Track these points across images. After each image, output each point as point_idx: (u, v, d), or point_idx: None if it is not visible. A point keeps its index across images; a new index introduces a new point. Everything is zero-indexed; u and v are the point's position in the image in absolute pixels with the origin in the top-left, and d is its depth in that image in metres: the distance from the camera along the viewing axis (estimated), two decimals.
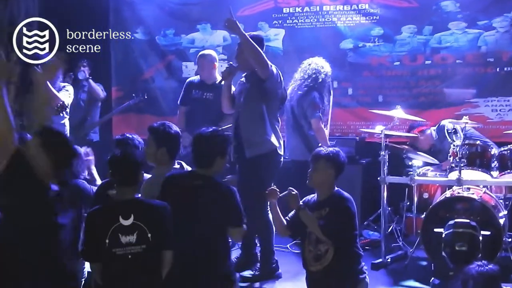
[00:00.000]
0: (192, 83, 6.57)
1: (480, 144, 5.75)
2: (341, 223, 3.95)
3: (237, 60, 5.37)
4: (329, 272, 3.96)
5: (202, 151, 3.94)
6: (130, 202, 3.64)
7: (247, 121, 5.25)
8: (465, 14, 7.15)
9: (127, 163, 3.70)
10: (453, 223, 4.83)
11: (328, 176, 4.11)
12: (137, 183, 3.72)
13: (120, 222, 3.55)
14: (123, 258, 3.54)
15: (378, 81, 7.53)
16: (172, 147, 4.31)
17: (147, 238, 3.56)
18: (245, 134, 5.25)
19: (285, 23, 7.76)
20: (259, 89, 5.21)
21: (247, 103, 5.27)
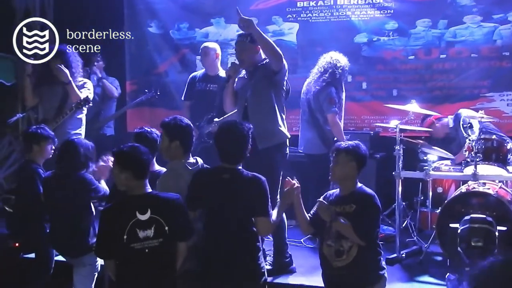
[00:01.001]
0: (195, 78, 6.64)
1: (496, 138, 5.72)
2: (370, 222, 3.95)
3: (238, 58, 5.32)
4: (353, 268, 3.95)
5: (229, 148, 3.96)
6: (145, 197, 3.66)
7: (258, 114, 5.23)
8: (480, 7, 7.11)
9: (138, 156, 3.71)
10: (469, 218, 4.81)
11: (350, 169, 4.08)
12: (146, 176, 3.73)
13: (137, 217, 3.57)
14: (140, 253, 3.56)
15: (393, 75, 7.50)
16: (185, 140, 4.31)
17: (164, 231, 3.59)
18: (257, 126, 5.23)
19: (299, 17, 7.74)
20: (270, 81, 5.19)
21: (257, 96, 5.24)
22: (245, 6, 7.90)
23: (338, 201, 4.07)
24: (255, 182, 3.89)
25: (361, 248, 3.93)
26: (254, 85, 5.26)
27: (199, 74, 6.68)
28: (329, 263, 4.05)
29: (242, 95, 5.34)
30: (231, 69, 5.37)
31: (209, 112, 6.37)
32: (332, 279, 4.09)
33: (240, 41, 5.31)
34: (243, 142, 3.96)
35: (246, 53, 5.24)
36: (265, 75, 5.21)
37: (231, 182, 3.88)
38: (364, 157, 4.14)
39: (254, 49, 5.23)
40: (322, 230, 4.11)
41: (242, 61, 5.28)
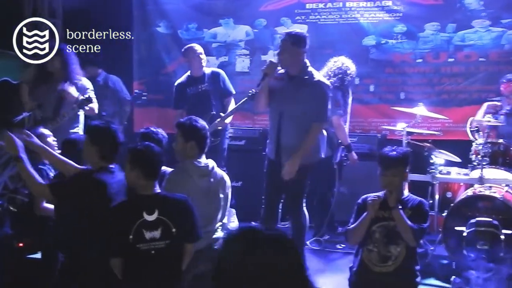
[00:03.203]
0: (182, 84, 6.64)
1: (503, 142, 5.73)
2: (424, 226, 4.04)
3: (280, 57, 5.21)
4: (399, 274, 3.99)
5: None
6: (153, 197, 3.65)
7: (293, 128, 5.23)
8: (489, 12, 7.11)
9: (151, 156, 3.71)
10: (475, 221, 4.84)
11: (406, 177, 4.22)
12: (156, 177, 3.74)
13: (144, 218, 3.55)
14: (146, 254, 3.54)
15: (401, 78, 7.50)
16: (200, 140, 4.34)
17: (171, 233, 3.57)
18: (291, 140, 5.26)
19: (308, 18, 7.74)
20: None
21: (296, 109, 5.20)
22: (255, 7, 7.95)
23: (387, 206, 4.10)
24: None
25: (407, 255, 3.98)
26: (294, 98, 5.15)
27: (184, 79, 6.66)
28: (369, 268, 4.06)
29: (279, 99, 5.25)
30: (269, 66, 5.23)
31: (208, 112, 6.39)
32: (373, 285, 4.09)
33: (283, 40, 5.22)
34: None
35: (286, 54, 5.15)
36: (309, 98, 5.12)
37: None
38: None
39: (294, 52, 5.12)
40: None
41: (281, 61, 5.19)
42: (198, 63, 6.56)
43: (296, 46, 5.11)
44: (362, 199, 4.29)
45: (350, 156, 6.29)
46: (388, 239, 4.06)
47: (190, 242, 3.71)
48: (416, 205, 4.14)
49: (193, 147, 4.28)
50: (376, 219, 4.11)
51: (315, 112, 5.11)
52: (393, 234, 4.06)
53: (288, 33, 5.24)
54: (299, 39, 5.14)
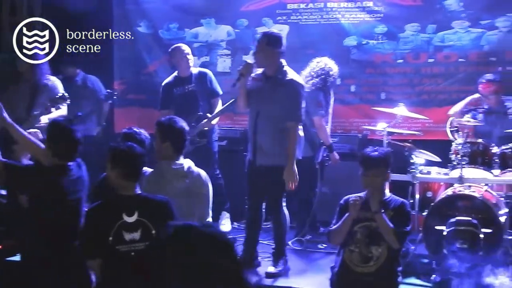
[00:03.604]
0: (169, 84, 6.62)
1: (482, 142, 5.78)
2: (407, 228, 4.08)
3: (255, 57, 5.29)
4: (380, 274, 4.01)
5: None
6: (133, 198, 3.62)
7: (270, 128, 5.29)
8: (468, 13, 7.16)
9: (132, 156, 3.69)
10: (454, 221, 4.89)
11: (388, 178, 4.23)
12: (139, 178, 3.72)
13: (124, 219, 3.52)
14: (126, 255, 3.51)
15: (381, 78, 7.54)
16: (176, 141, 4.32)
17: (151, 235, 3.54)
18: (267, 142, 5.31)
19: (289, 19, 7.75)
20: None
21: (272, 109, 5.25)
22: (236, 7, 7.94)
23: (368, 207, 4.12)
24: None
25: (389, 255, 4.00)
26: (269, 98, 5.22)
27: (171, 80, 6.64)
28: (350, 268, 4.08)
29: (255, 99, 5.31)
30: (244, 67, 5.28)
31: (195, 112, 6.38)
32: (354, 285, 4.11)
33: (259, 40, 5.28)
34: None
35: (261, 54, 5.21)
36: (284, 98, 5.18)
37: None
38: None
39: (270, 52, 5.18)
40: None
41: (257, 61, 5.25)
42: (185, 63, 6.54)
43: (271, 46, 5.16)
44: (344, 200, 4.32)
45: (331, 156, 6.31)
46: (370, 239, 4.09)
47: None
48: (398, 206, 4.17)
49: (168, 147, 4.26)
50: (358, 220, 4.14)
51: (289, 111, 5.17)
52: (374, 235, 4.08)
53: (263, 33, 5.33)
54: (274, 39, 5.21)
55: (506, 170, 5.69)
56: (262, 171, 5.23)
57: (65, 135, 4.06)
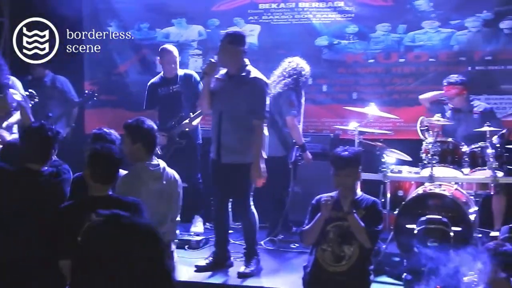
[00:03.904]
0: (154, 84, 6.60)
1: (452, 141, 5.83)
2: (379, 227, 4.09)
3: (219, 56, 5.32)
4: (352, 273, 4.02)
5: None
6: (104, 199, 3.58)
7: (235, 126, 5.30)
8: (438, 13, 7.23)
9: (109, 159, 3.65)
10: (425, 219, 4.92)
11: (359, 177, 4.24)
12: (114, 180, 3.68)
13: None
14: None
15: (353, 78, 7.57)
16: (147, 142, 4.30)
17: None
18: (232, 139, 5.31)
19: (261, 19, 7.75)
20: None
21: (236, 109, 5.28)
22: (207, 7, 7.92)
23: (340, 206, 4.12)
24: None
25: (361, 254, 4.02)
26: (233, 97, 5.24)
27: (157, 80, 6.64)
28: (323, 267, 4.08)
29: (219, 99, 5.32)
30: (208, 66, 5.33)
31: (178, 113, 6.35)
32: (327, 284, 4.11)
33: (222, 40, 5.33)
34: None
35: (224, 53, 5.24)
36: (248, 96, 5.21)
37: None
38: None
39: (232, 50, 5.22)
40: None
41: (220, 60, 5.28)
42: (172, 64, 6.52)
43: (234, 45, 5.21)
44: (316, 200, 4.32)
45: (304, 155, 6.32)
46: (342, 239, 4.10)
47: None
48: (370, 205, 4.19)
49: (140, 148, 4.25)
50: (330, 219, 4.14)
51: (254, 109, 5.20)
52: (347, 234, 4.10)
53: (227, 32, 5.37)
54: (237, 38, 5.27)
55: (476, 169, 5.74)
56: (228, 170, 5.25)
57: (35, 137, 4.02)
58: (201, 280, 5.30)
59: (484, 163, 5.66)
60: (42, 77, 7.20)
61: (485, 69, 7.07)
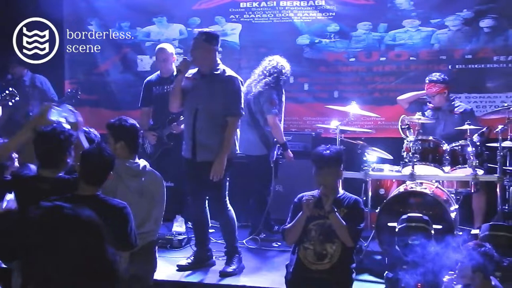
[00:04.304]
0: (150, 82, 6.56)
1: (433, 139, 5.86)
2: (360, 226, 4.13)
3: (191, 54, 5.33)
4: (335, 271, 4.03)
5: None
6: (88, 199, 3.52)
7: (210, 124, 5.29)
8: (418, 12, 7.27)
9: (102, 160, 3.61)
10: (406, 217, 4.93)
11: (340, 175, 4.24)
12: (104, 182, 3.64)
13: None
14: None
15: (334, 77, 7.59)
16: (130, 140, 4.28)
17: None
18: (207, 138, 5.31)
19: (242, 17, 7.75)
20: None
21: (211, 107, 5.28)
22: (188, 6, 7.89)
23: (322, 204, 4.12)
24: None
25: (343, 252, 4.02)
26: (207, 95, 5.24)
27: (154, 78, 6.60)
28: (305, 266, 4.09)
29: (192, 98, 5.31)
30: (182, 64, 5.32)
31: (170, 114, 6.32)
32: (309, 282, 4.11)
33: (195, 38, 5.33)
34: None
35: (198, 51, 5.25)
36: (222, 94, 5.22)
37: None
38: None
39: (206, 48, 5.24)
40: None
41: (194, 58, 5.27)
42: (168, 64, 6.48)
43: (207, 43, 5.23)
44: (298, 198, 4.32)
45: (286, 154, 6.32)
46: (324, 237, 4.10)
47: (121, 250, 3.57)
48: (351, 204, 4.19)
49: (123, 147, 4.23)
50: (312, 218, 4.14)
51: (229, 106, 5.23)
52: (329, 232, 4.10)
53: (200, 31, 5.38)
54: (211, 36, 5.29)
55: (456, 167, 5.78)
56: (203, 167, 5.24)
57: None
58: (182, 280, 5.28)
59: (464, 161, 5.70)
60: (21, 76, 7.13)
61: (465, 68, 7.12)
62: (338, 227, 4.02)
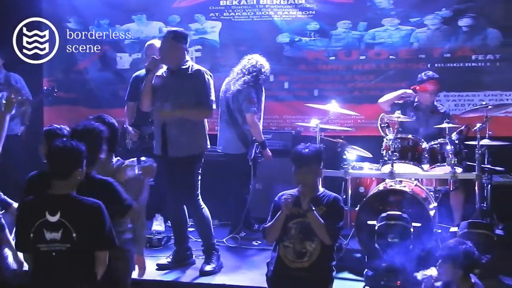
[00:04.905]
0: (138, 78, 6.52)
1: (412, 138, 5.88)
2: (339, 223, 4.11)
3: (160, 53, 5.33)
4: (314, 269, 4.03)
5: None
6: (61, 198, 3.49)
7: (179, 120, 5.28)
8: (398, 11, 7.31)
9: (67, 154, 3.55)
10: (385, 215, 4.95)
11: (320, 174, 4.23)
12: (72, 176, 3.58)
13: (46, 218, 3.41)
14: (47, 255, 3.43)
15: (314, 75, 7.60)
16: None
17: (71, 238, 3.41)
18: (177, 134, 5.30)
19: (222, 15, 7.73)
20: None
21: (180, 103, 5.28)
22: (168, 4, 7.87)
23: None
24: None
25: (323, 251, 4.02)
26: (177, 91, 5.24)
27: (142, 74, 6.52)
28: (285, 264, 4.08)
29: (162, 95, 5.30)
30: (151, 63, 5.33)
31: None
32: (289, 280, 4.11)
33: (164, 36, 5.35)
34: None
35: (167, 50, 5.26)
36: (191, 89, 5.22)
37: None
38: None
39: (175, 47, 5.26)
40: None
41: (163, 57, 5.27)
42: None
43: (175, 41, 5.25)
44: (278, 197, 4.31)
45: (264, 153, 6.30)
46: (304, 235, 4.09)
47: (99, 249, 3.55)
48: (331, 202, 4.19)
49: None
50: (292, 216, 4.14)
51: (200, 101, 5.25)
52: (308, 231, 4.09)
53: (169, 30, 5.41)
54: (179, 35, 5.31)
55: (435, 165, 5.80)
56: (175, 163, 5.25)
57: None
58: (162, 279, 5.25)
59: (443, 159, 5.72)
60: None
61: (444, 66, 7.16)
62: (315, 225, 4.02)
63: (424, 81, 6.36)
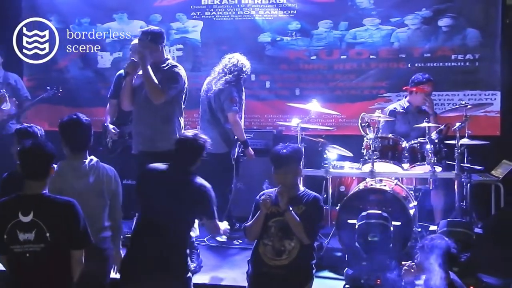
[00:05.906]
0: (121, 76, 6.45)
1: (392, 137, 5.92)
2: (318, 222, 4.15)
3: (138, 55, 5.31)
4: (293, 267, 4.05)
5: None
6: (33, 198, 3.48)
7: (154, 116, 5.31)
8: (379, 11, 7.35)
9: (37, 155, 3.53)
10: (365, 214, 4.98)
11: (299, 173, 4.25)
12: (46, 177, 3.56)
13: (19, 218, 3.41)
14: (21, 256, 3.42)
15: (296, 74, 7.63)
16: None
17: (45, 238, 3.41)
18: (152, 129, 5.32)
19: (204, 15, 7.73)
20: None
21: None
22: (149, 3, 7.84)
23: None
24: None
25: (302, 249, 4.05)
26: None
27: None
28: (264, 262, 4.10)
29: (140, 93, 5.31)
30: (129, 65, 5.34)
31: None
32: (268, 278, 4.12)
33: (141, 39, 5.36)
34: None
35: (146, 52, 5.23)
36: (160, 78, 5.22)
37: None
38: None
39: (154, 48, 5.28)
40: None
41: (141, 59, 5.23)
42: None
43: (153, 43, 5.29)
44: (259, 196, 4.33)
45: (247, 152, 6.32)
46: (283, 233, 4.12)
47: (74, 248, 3.54)
48: (310, 201, 4.21)
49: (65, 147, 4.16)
50: (271, 215, 4.16)
51: (162, 86, 5.24)
52: (287, 229, 4.11)
53: (144, 31, 5.41)
54: (156, 35, 5.34)
55: (415, 164, 5.84)
56: (148, 157, 5.20)
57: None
58: None
59: (423, 158, 5.77)
60: None
61: (424, 66, 7.21)
62: (293, 225, 4.05)
63: (423, 82, 6.42)
